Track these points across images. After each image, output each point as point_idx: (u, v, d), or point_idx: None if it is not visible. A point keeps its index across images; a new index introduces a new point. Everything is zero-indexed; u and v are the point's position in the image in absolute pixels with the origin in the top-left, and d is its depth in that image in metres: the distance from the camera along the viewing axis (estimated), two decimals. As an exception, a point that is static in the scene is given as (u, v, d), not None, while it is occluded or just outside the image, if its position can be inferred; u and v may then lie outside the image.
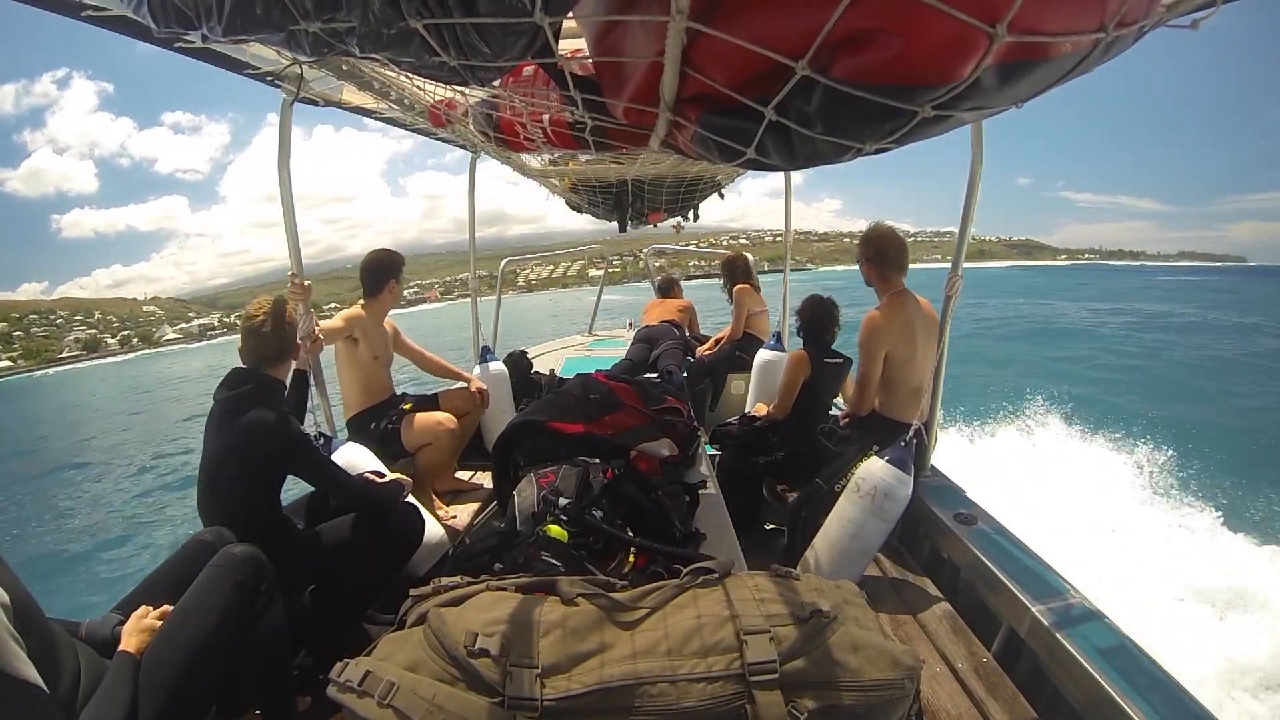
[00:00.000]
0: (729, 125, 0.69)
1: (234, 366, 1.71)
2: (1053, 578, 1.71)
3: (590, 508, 1.57)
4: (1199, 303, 33.15)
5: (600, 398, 2.12)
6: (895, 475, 1.93)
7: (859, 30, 0.49)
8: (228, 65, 1.66)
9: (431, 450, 2.54)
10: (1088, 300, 35.17)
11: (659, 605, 0.96)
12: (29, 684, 0.87)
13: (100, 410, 28.06)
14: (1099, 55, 0.53)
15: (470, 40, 0.64)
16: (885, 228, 2.39)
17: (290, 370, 1.82)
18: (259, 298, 1.81)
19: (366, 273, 2.65)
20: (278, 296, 1.82)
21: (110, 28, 1.27)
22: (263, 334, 1.71)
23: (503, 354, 3.64)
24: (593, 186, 3.89)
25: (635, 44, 0.70)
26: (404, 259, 2.76)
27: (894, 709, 0.89)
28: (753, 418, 2.95)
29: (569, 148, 1.41)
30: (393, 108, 2.06)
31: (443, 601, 0.97)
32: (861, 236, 2.43)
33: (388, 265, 2.65)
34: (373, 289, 2.64)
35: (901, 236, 2.38)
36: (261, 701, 1.42)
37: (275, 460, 1.64)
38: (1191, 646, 3.30)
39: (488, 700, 0.81)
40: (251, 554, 1.31)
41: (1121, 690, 1.30)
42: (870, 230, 2.41)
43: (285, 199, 2.05)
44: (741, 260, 4.28)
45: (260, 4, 0.68)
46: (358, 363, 2.56)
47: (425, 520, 1.99)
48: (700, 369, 4.09)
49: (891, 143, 0.63)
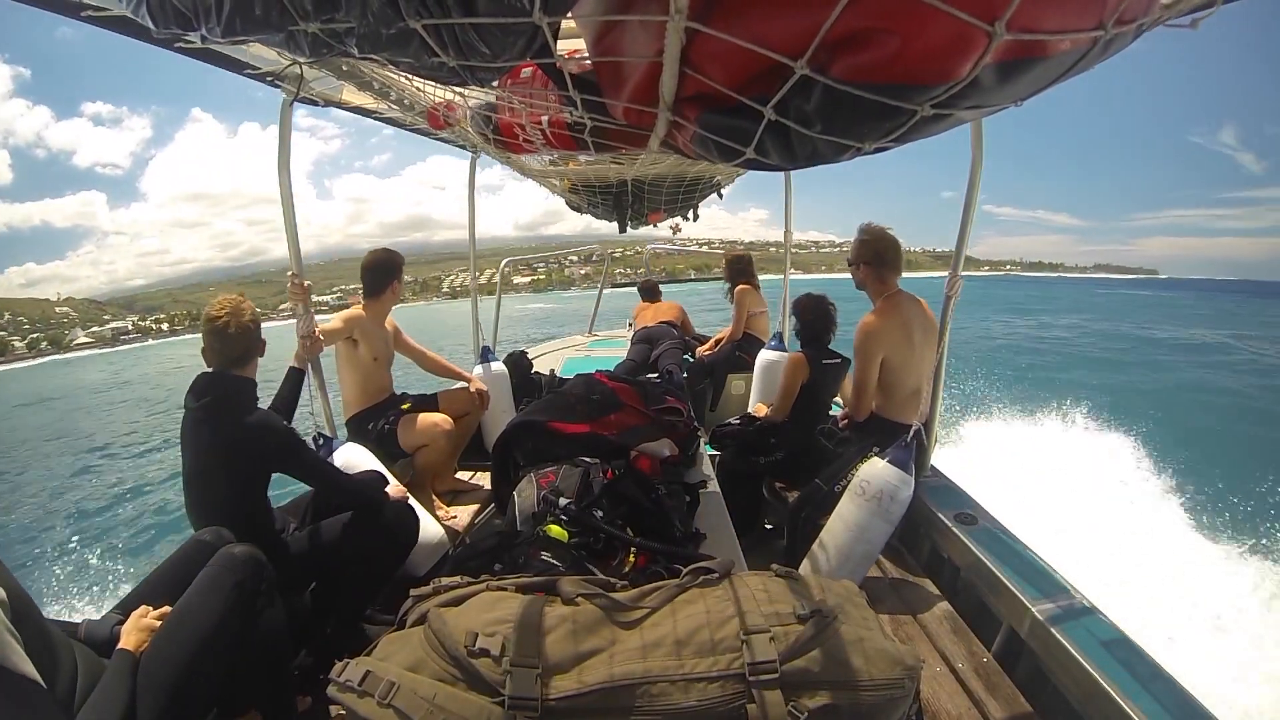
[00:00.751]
0: (728, 125, 0.69)
1: (200, 371, 1.66)
2: (1053, 578, 1.71)
3: (590, 508, 1.57)
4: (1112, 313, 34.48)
5: (601, 398, 2.12)
6: (898, 476, 1.93)
7: (857, 30, 0.49)
8: (227, 65, 1.66)
9: (429, 451, 2.54)
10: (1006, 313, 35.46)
11: (659, 605, 0.96)
12: (26, 679, 0.87)
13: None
14: (1098, 53, 0.53)
15: (469, 40, 0.64)
16: (878, 229, 2.35)
17: (256, 368, 1.75)
18: (220, 297, 1.74)
19: (368, 273, 2.63)
20: (237, 295, 1.76)
21: (110, 28, 1.27)
22: (227, 335, 1.65)
23: (502, 354, 3.65)
24: (592, 187, 3.89)
25: (634, 44, 0.70)
26: (404, 259, 2.75)
27: (894, 709, 0.89)
28: (753, 417, 2.95)
29: (568, 149, 1.41)
30: (392, 108, 2.06)
31: (443, 601, 0.97)
32: (856, 240, 2.38)
33: (389, 266, 2.64)
34: (374, 289, 2.63)
35: (894, 236, 2.34)
36: (261, 701, 1.42)
37: (261, 462, 1.63)
38: (1191, 644, 3.31)
39: (488, 700, 0.81)
40: (251, 554, 1.31)
41: (1122, 690, 1.30)
42: (864, 233, 2.36)
43: (285, 199, 2.05)
44: (744, 260, 4.26)
45: (259, 4, 0.68)
46: (357, 364, 2.55)
47: (421, 519, 1.98)
48: (700, 369, 4.09)
49: (891, 141, 0.63)
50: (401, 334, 2.80)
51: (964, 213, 2.03)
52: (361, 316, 2.55)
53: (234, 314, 1.68)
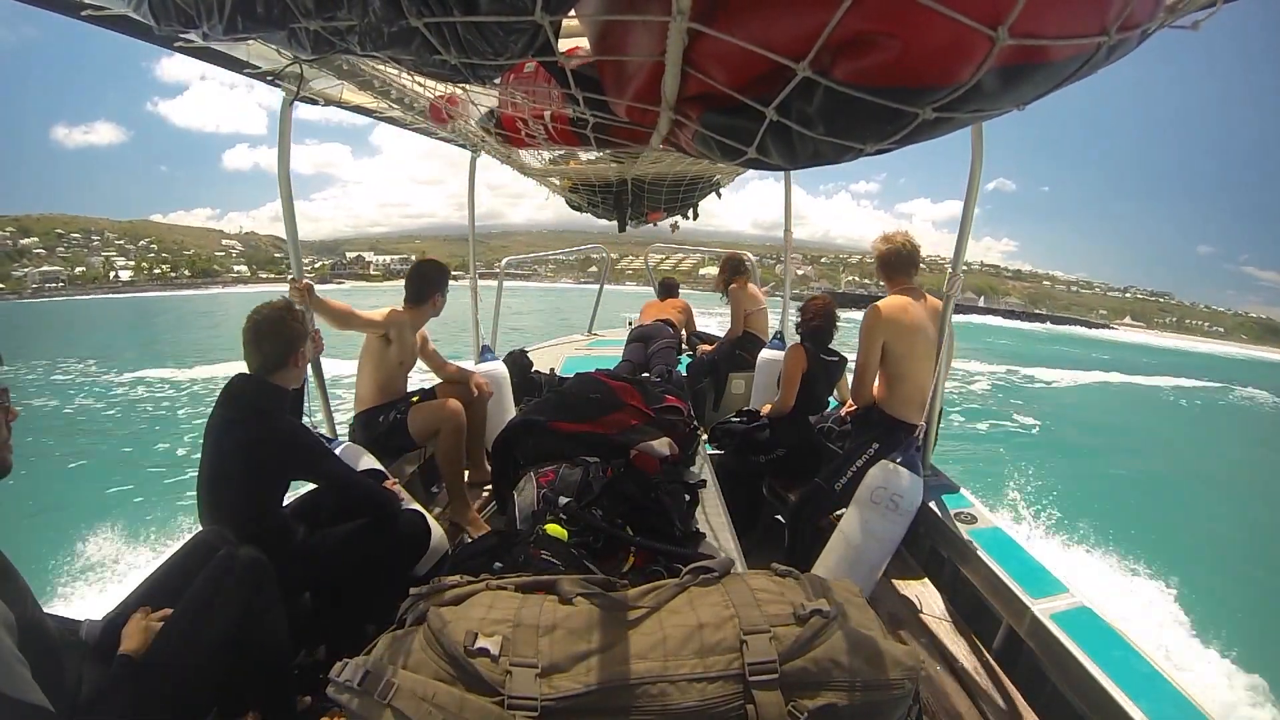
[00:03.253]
0: (730, 125, 0.69)
1: (238, 372, 1.68)
2: (1053, 578, 1.71)
3: (590, 507, 1.57)
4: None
5: (601, 397, 2.12)
6: (909, 479, 1.95)
7: (860, 33, 0.49)
8: (228, 64, 1.66)
9: (444, 440, 2.50)
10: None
11: (659, 605, 0.96)
12: (36, 708, 0.87)
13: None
14: (1102, 58, 0.53)
15: (471, 39, 0.64)
16: (888, 238, 2.42)
17: (295, 377, 1.77)
18: (266, 302, 1.75)
19: (414, 281, 2.61)
20: (282, 300, 1.78)
21: (110, 27, 1.26)
22: (265, 339, 1.67)
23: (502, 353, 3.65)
24: (592, 186, 3.89)
25: (637, 43, 0.70)
26: (449, 271, 2.74)
27: (894, 709, 0.89)
28: (755, 412, 2.96)
29: (570, 144, 1.41)
30: (393, 106, 2.06)
31: (442, 601, 0.97)
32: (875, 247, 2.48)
33: (435, 278, 2.63)
34: (418, 298, 2.60)
35: (904, 245, 2.39)
36: (262, 702, 1.42)
37: (283, 469, 1.63)
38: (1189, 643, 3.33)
39: (487, 700, 0.81)
40: (254, 557, 1.30)
41: (1121, 690, 1.30)
42: (876, 244, 2.47)
43: (285, 199, 2.05)
44: (737, 259, 4.28)
45: (261, 2, 0.68)
46: (384, 363, 2.54)
47: (431, 526, 1.99)
48: (700, 367, 4.09)
49: (892, 144, 0.63)
50: (428, 343, 2.80)
51: (964, 213, 2.03)
52: (405, 319, 2.54)
53: (272, 320, 1.68)
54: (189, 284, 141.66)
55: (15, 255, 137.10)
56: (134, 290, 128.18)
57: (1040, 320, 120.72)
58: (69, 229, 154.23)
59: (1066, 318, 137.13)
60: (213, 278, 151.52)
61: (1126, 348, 60.47)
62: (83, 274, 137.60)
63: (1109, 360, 33.46)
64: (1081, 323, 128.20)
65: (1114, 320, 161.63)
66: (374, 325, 2.45)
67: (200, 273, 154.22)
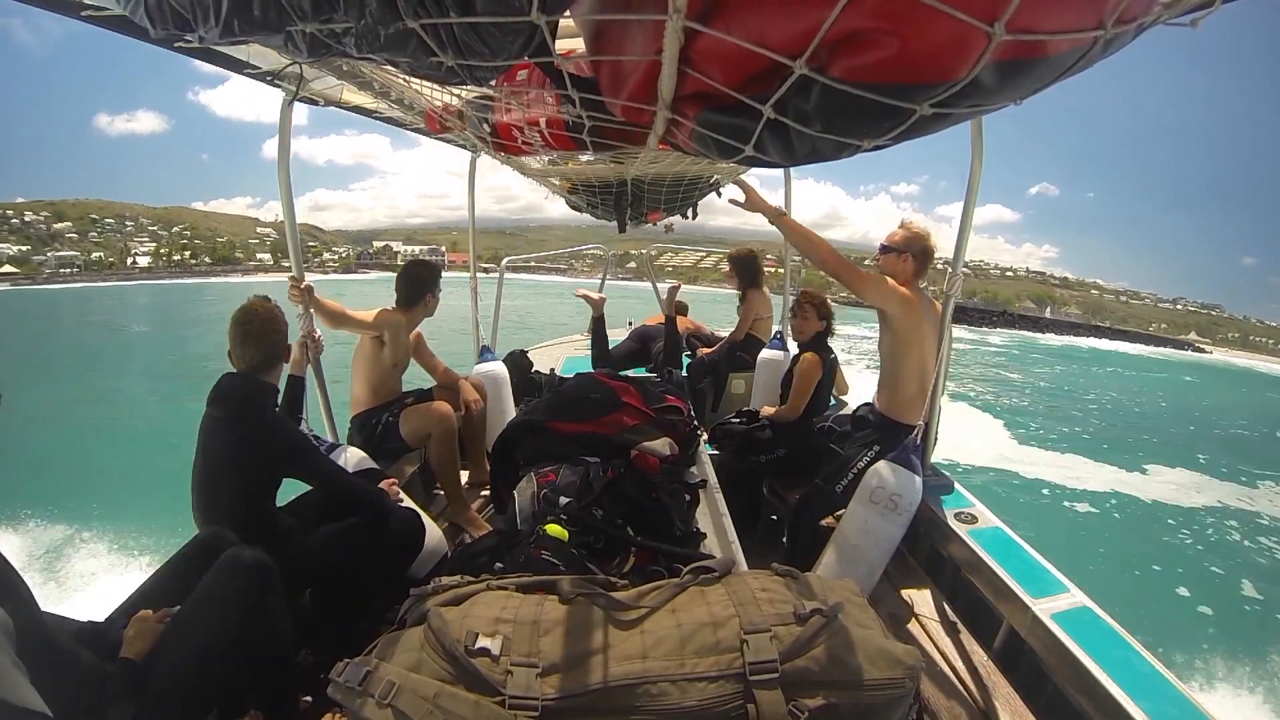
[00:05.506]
0: (727, 123, 0.69)
1: (226, 371, 1.67)
2: (1053, 577, 1.71)
3: (590, 507, 1.57)
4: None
5: (601, 397, 2.12)
6: (909, 479, 1.94)
7: (857, 30, 0.49)
8: (227, 65, 1.66)
9: (436, 444, 2.50)
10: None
11: (659, 605, 0.96)
12: (34, 713, 0.87)
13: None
14: (1098, 52, 0.53)
15: (467, 40, 0.64)
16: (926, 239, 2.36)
17: (280, 375, 1.76)
18: (251, 299, 1.75)
19: (405, 282, 2.61)
20: (268, 300, 1.77)
21: (110, 27, 1.26)
22: (254, 337, 1.67)
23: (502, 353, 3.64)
24: (592, 187, 3.89)
25: (633, 43, 0.70)
26: (440, 271, 2.74)
27: (894, 708, 0.89)
28: (754, 413, 2.96)
29: (567, 149, 1.40)
30: (392, 107, 2.06)
31: (443, 601, 0.97)
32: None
33: (426, 278, 2.63)
34: (410, 299, 2.60)
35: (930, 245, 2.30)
36: (263, 703, 1.42)
37: (274, 467, 1.63)
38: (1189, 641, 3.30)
39: (488, 700, 0.81)
40: (258, 558, 1.30)
41: (1121, 689, 1.30)
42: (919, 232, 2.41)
43: (285, 200, 2.05)
44: (753, 262, 4.19)
45: (257, 5, 0.68)
46: (378, 364, 2.53)
47: (426, 525, 1.98)
48: (701, 367, 4.09)
49: (890, 140, 0.63)
50: (424, 345, 2.80)
51: (964, 213, 2.03)
52: (400, 320, 2.53)
53: (261, 318, 1.68)
54: (209, 271, 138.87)
55: (48, 239, 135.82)
56: (150, 277, 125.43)
57: (1114, 336, 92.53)
58: (104, 214, 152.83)
59: (1138, 334, 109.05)
60: (234, 265, 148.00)
61: (1261, 379, 47.67)
62: (99, 260, 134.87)
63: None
64: (1170, 342, 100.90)
65: (1194, 338, 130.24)
66: (367, 326, 2.45)
67: (221, 260, 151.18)
